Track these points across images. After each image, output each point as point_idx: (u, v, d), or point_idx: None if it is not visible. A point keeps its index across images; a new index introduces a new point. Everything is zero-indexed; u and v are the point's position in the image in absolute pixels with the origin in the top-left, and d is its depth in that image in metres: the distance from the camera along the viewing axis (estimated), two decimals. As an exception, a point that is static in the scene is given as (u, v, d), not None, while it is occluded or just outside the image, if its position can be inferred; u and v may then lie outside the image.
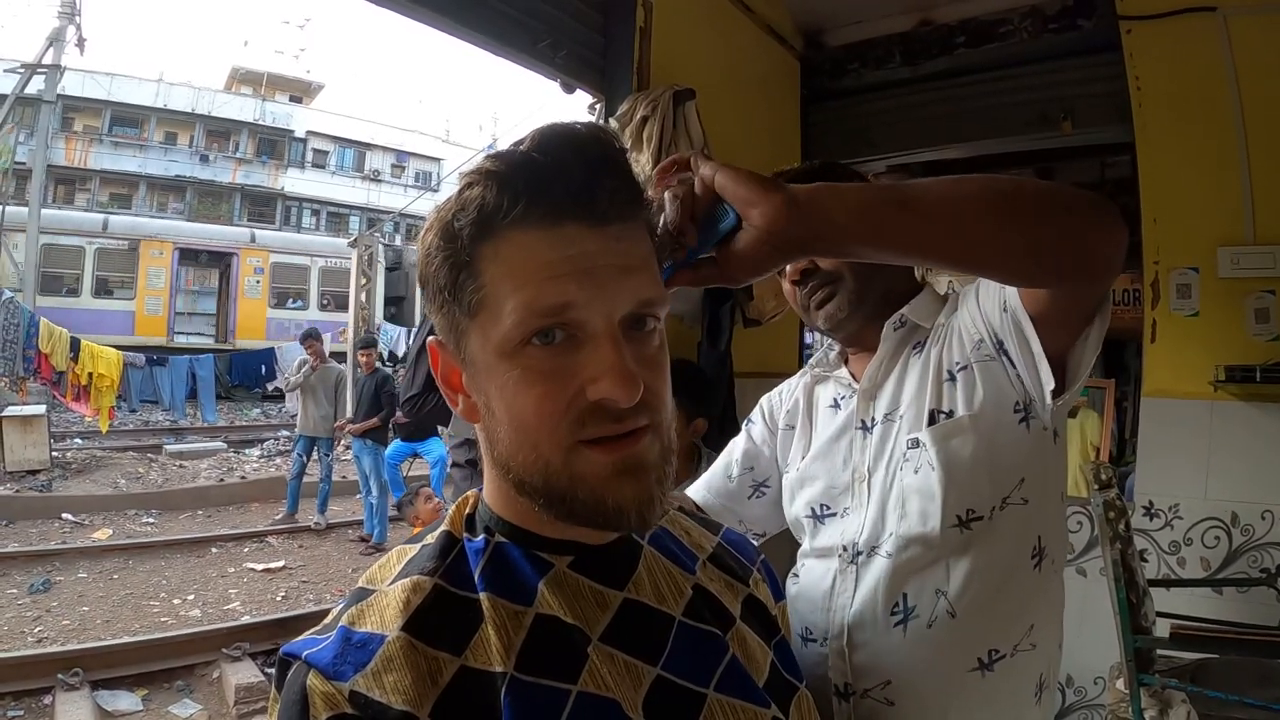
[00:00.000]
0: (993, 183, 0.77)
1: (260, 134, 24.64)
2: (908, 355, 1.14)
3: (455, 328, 0.65)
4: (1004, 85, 3.15)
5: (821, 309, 1.16)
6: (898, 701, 1.01)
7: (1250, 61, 2.60)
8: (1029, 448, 1.04)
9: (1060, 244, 0.78)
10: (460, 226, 0.62)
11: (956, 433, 1.03)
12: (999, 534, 1.02)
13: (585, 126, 0.65)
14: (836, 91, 3.55)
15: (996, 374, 1.04)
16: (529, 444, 0.62)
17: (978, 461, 1.02)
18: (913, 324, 1.14)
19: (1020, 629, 1.03)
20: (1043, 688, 1.07)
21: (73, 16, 13.56)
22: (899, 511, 1.05)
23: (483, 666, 0.61)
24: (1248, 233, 2.62)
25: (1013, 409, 1.04)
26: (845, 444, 1.16)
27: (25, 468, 8.74)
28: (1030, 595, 1.05)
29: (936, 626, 1.01)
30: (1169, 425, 2.71)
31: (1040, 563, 1.05)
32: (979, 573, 1.01)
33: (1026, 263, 0.81)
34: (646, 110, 2.30)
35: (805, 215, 0.70)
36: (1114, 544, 2.14)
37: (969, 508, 1.01)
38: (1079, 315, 0.94)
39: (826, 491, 1.16)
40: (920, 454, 1.04)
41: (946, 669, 1.01)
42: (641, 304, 0.63)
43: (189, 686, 4.31)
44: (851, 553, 1.08)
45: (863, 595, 1.05)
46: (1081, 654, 2.71)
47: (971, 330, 1.07)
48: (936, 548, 1.02)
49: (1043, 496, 1.05)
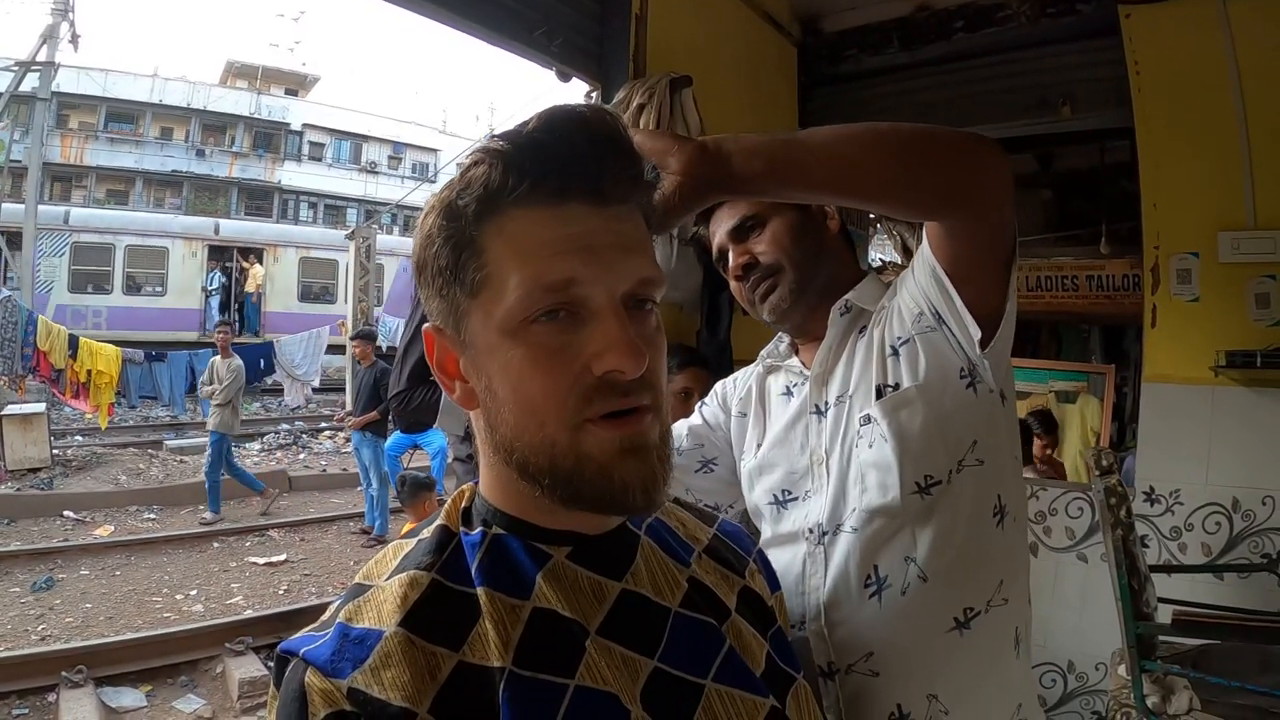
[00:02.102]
0: (873, 125, 0.90)
1: (256, 128, 24.55)
2: (854, 339, 1.16)
3: (455, 309, 0.65)
4: (1003, 70, 3.14)
5: (766, 300, 1.19)
6: (882, 671, 1.03)
7: (1250, 45, 2.59)
8: (978, 411, 1.07)
9: (933, 171, 0.90)
10: (465, 204, 0.63)
11: (904, 404, 1.05)
12: (959, 496, 1.04)
13: (590, 108, 0.67)
14: (834, 77, 3.54)
15: (938, 343, 1.07)
16: (535, 423, 0.62)
17: (929, 429, 1.04)
18: (858, 308, 1.17)
19: (991, 585, 1.05)
20: (1019, 641, 1.08)
21: (66, 13, 13.50)
22: (859, 486, 1.07)
23: (481, 662, 0.60)
24: (1248, 217, 2.62)
25: (958, 375, 1.06)
26: (801, 429, 1.17)
27: (26, 466, 8.74)
28: (996, 552, 1.07)
29: (910, 593, 1.02)
30: (1170, 411, 2.71)
31: (1002, 520, 1.07)
32: (944, 535, 1.03)
33: (906, 191, 0.92)
34: (643, 98, 2.29)
35: (712, 158, 0.83)
36: (1115, 530, 2.14)
37: (926, 474, 1.03)
38: (991, 263, 1.01)
39: (787, 477, 1.18)
40: (873, 428, 1.06)
41: (926, 633, 1.03)
42: (641, 283, 0.64)
43: (193, 682, 4.33)
44: (818, 534, 1.09)
45: (834, 573, 1.06)
46: (1083, 640, 2.73)
47: (911, 306, 1.09)
48: (900, 516, 1.03)
49: (996, 456, 1.07)
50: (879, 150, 0.89)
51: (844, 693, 1.04)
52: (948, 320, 1.05)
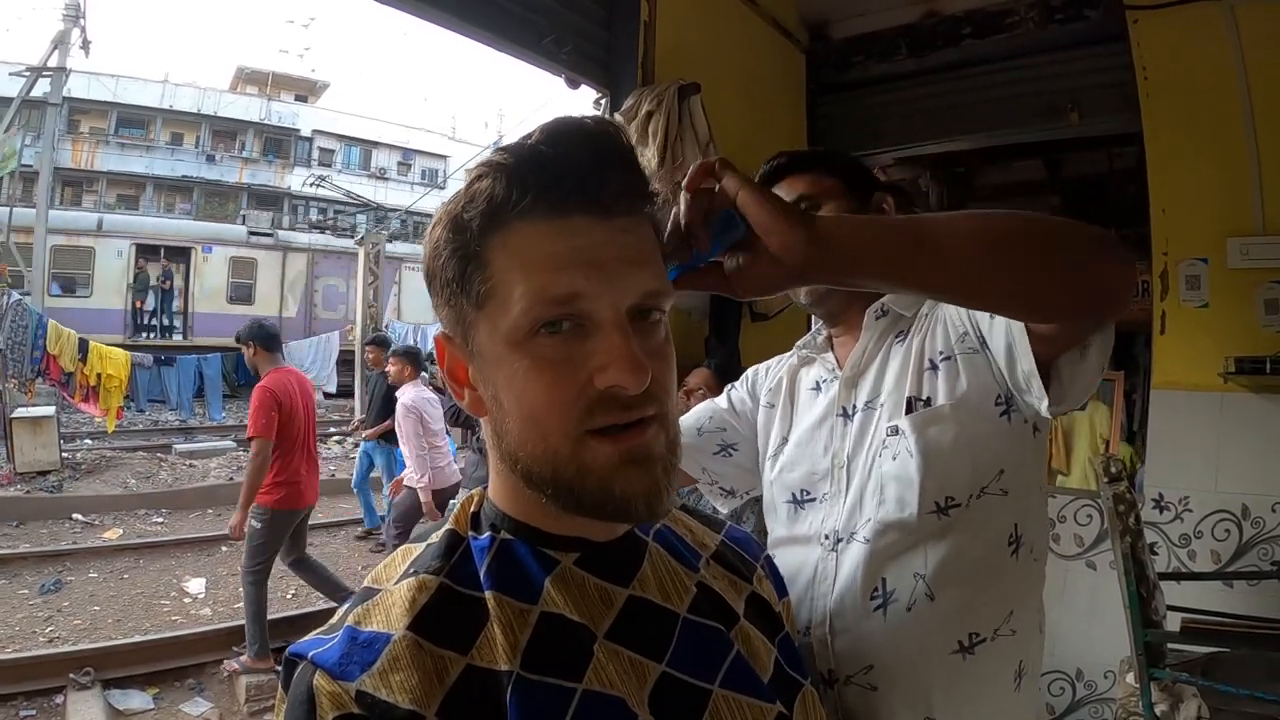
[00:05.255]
0: (1005, 225, 0.77)
1: (266, 133, 24.68)
2: (890, 344, 1.15)
3: (463, 320, 0.66)
4: (1011, 76, 3.15)
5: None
6: (880, 686, 1.02)
7: (1258, 50, 2.58)
8: (1009, 440, 1.05)
9: (1062, 287, 0.78)
10: (469, 218, 0.63)
11: (936, 420, 1.04)
12: (976, 521, 1.03)
13: (593, 120, 0.66)
14: (843, 84, 3.55)
15: (979, 366, 1.05)
16: (538, 434, 0.63)
17: (957, 450, 1.02)
18: (895, 313, 1.15)
19: (1000, 614, 1.03)
20: (1021, 674, 1.06)
21: (77, 19, 13.59)
22: (877, 498, 1.06)
23: (489, 665, 0.61)
24: (1257, 223, 2.61)
25: (994, 401, 1.04)
26: (826, 430, 1.17)
27: (35, 469, 8.78)
28: (1008, 581, 1.05)
29: (916, 610, 1.01)
30: (1179, 417, 2.70)
31: (1018, 550, 1.05)
32: (956, 557, 1.02)
33: (1027, 306, 0.83)
34: (651, 105, 2.30)
35: (820, 247, 0.72)
36: (1124, 537, 2.13)
37: (947, 495, 1.02)
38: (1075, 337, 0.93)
39: (807, 477, 1.17)
40: (899, 441, 1.05)
41: (927, 652, 1.01)
42: (647, 295, 0.64)
43: (200, 685, 4.33)
44: (833, 540, 1.09)
45: (842, 581, 1.05)
46: (1091, 648, 2.71)
47: (957, 323, 1.08)
48: (914, 533, 1.02)
49: (1022, 488, 1.05)
50: (1007, 257, 0.76)
51: (842, 703, 1.04)
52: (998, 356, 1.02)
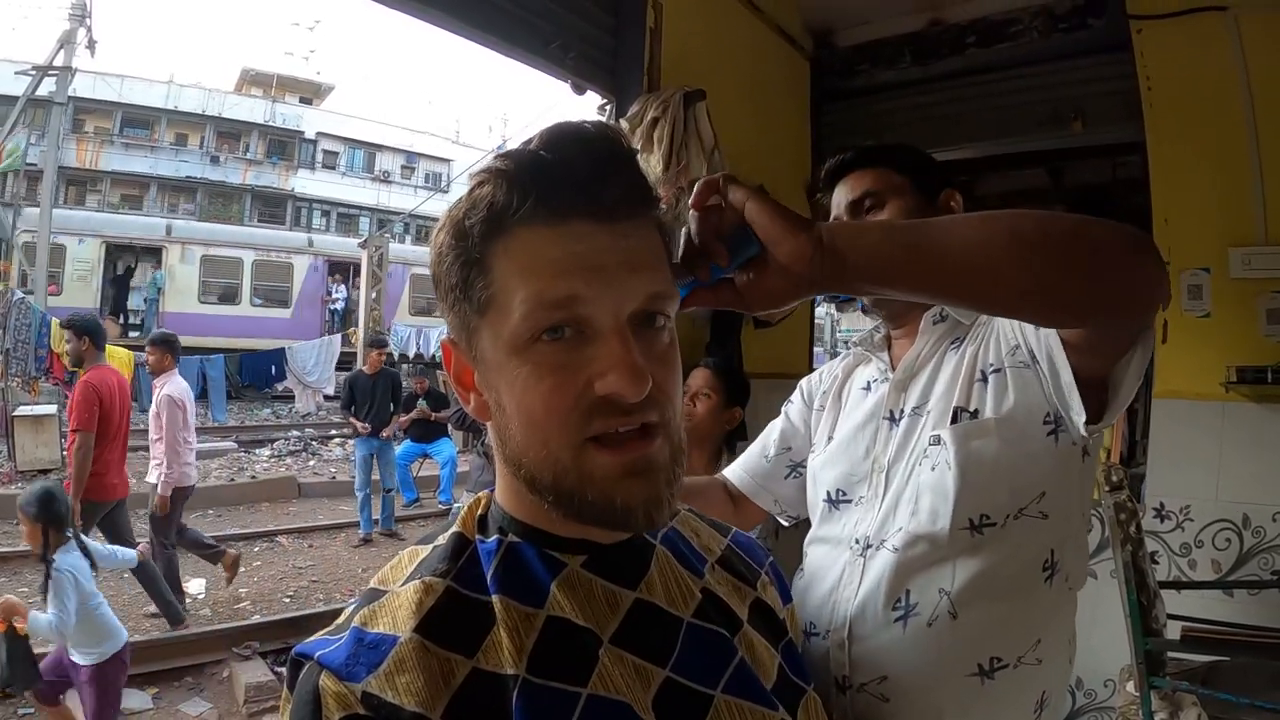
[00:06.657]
0: (1012, 224, 0.75)
1: (270, 135, 24.75)
2: (945, 350, 1.13)
3: (466, 326, 0.66)
4: (1015, 85, 3.16)
5: None
6: (893, 698, 1.00)
7: (1262, 60, 2.59)
8: (1055, 461, 1.01)
9: (1082, 287, 0.76)
10: (471, 225, 0.63)
11: (979, 434, 1.01)
12: (1011, 542, 1.00)
13: (593, 125, 0.66)
14: (847, 92, 3.56)
15: (1029, 382, 1.02)
16: (539, 440, 0.63)
17: (999, 467, 1.00)
18: (953, 320, 1.14)
19: (1026, 641, 1.01)
20: (1043, 705, 1.04)
21: (83, 19, 13.62)
22: (910, 507, 1.04)
23: (494, 669, 0.61)
24: (1259, 233, 2.61)
25: (1042, 420, 1.01)
26: (870, 432, 1.15)
27: (37, 467, 8.77)
28: (1039, 609, 1.03)
29: (937, 625, 0.99)
30: (1180, 427, 2.70)
31: (1052, 577, 1.02)
32: (985, 577, 0.99)
33: (1044, 308, 0.80)
34: (657, 111, 2.31)
35: (827, 256, 0.73)
36: (1125, 546, 2.13)
37: (983, 512, 0.99)
38: (1113, 345, 0.90)
39: (845, 478, 1.15)
40: (940, 451, 1.03)
41: (945, 670, 0.99)
42: (650, 300, 0.63)
43: (199, 685, 4.33)
44: (862, 545, 1.07)
45: (866, 588, 1.04)
46: (1092, 656, 2.70)
47: (1010, 335, 1.05)
48: (944, 547, 1.00)
49: (1063, 513, 1.02)
50: (1018, 257, 0.74)
51: (853, 709, 1.02)
52: (1044, 370, 1.00)
